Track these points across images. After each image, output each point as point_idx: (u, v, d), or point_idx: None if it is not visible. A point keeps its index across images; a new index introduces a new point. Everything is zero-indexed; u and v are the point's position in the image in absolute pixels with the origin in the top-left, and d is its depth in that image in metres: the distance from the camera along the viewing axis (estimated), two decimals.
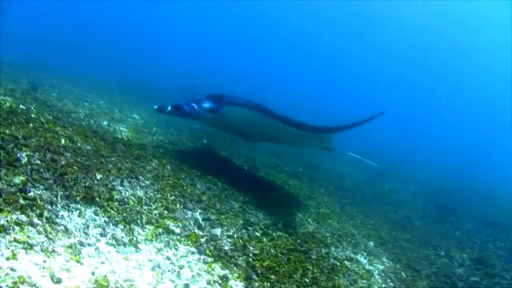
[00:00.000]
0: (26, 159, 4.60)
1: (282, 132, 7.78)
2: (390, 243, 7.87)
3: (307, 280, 4.78)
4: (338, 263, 5.84)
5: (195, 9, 61.51)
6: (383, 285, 5.75)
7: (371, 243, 7.56)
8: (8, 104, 6.90)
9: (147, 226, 4.58)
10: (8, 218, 3.45)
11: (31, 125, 5.86)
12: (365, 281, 5.59)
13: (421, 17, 57.58)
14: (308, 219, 7.63)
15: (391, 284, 5.91)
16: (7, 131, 5.15)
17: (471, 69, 60.67)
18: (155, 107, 8.14)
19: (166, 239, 4.49)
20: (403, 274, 6.45)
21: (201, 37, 63.00)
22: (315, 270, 5.16)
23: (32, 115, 6.57)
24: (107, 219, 4.28)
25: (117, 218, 4.38)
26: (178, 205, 5.49)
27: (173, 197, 5.71)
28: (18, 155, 4.60)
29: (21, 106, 7.11)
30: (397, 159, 22.05)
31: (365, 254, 6.80)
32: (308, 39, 65.94)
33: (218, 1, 59.03)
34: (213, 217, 5.61)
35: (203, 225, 5.24)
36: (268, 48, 66.55)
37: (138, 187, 5.48)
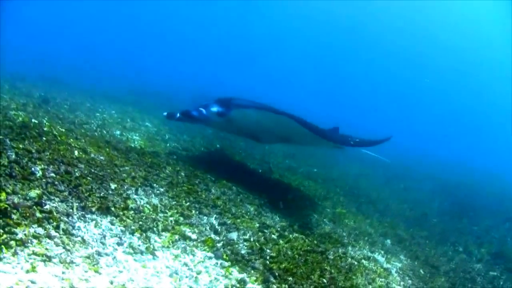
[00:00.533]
0: (40, 172, 4.64)
1: (292, 132, 7.78)
2: (408, 241, 7.83)
3: (325, 280, 4.77)
4: (356, 263, 5.82)
5: (204, 13, 61.53)
6: (402, 283, 5.72)
7: (388, 241, 7.53)
8: (21, 118, 6.98)
9: (163, 233, 4.61)
10: (26, 232, 3.49)
11: (44, 138, 5.91)
12: (383, 280, 5.57)
13: (421, 17, 57.17)
14: (324, 220, 7.61)
15: (409, 281, 5.88)
16: (21, 146, 5.20)
17: (473, 69, 60.18)
18: (165, 114, 8.19)
19: (183, 245, 4.51)
20: (421, 271, 6.42)
21: (210, 42, 63.12)
22: (332, 271, 5.14)
23: (45, 129, 6.64)
24: (123, 228, 4.31)
25: (133, 227, 4.41)
26: (193, 211, 5.52)
27: (188, 203, 5.74)
28: (33, 169, 4.65)
29: (33, 120, 7.19)
30: (411, 157, 21.91)
31: (382, 252, 6.77)
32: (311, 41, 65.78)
33: (227, 3, 59.02)
34: (229, 222, 5.62)
35: (219, 230, 5.25)
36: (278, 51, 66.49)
37: (153, 195, 5.52)
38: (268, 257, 4.92)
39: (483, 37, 55.46)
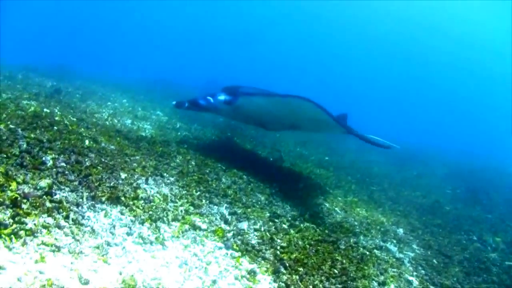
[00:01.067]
0: (51, 162, 4.65)
1: (304, 116, 7.76)
2: (420, 229, 7.75)
3: (336, 271, 4.74)
4: (368, 252, 5.76)
5: (213, 6, 61.27)
6: (414, 273, 5.66)
7: (401, 230, 7.46)
8: (32, 108, 6.99)
9: (173, 223, 4.59)
10: (36, 222, 3.49)
11: (55, 128, 5.92)
12: (395, 270, 5.51)
13: (421, 17, 56.27)
14: (336, 209, 7.56)
15: (423, 271, 5.81)
16: (32, 135, 5.22)
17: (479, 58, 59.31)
18: (173, 103, 8.23)
19: (193, 235, 4.48)
20: (434, 261, 6.34)
21: (218, 33, 62.92)
22: (344, 261, 5.10)
23: (56, 118, 6.65)
24: (133, 218, 4.30)
25: (143, 217, 4.40)
26: (203, 201, 5.49)
27: (198, 192, 5.72)
28: (44, 158, 4.66)
29: (45, 109, 7.20)
30: (423, 144, 21.71)
31: (394, 242, 6.70)
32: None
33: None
34: (239, 211, 5.59)
35: (229, 219, 5.23)
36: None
37: (163, 185, 5.51)
38: (278, 247, 4.89)
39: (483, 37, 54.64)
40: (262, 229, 5.31)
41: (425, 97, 58.59)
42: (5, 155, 4.42)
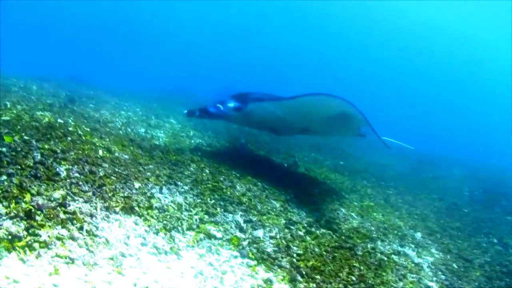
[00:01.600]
0: (65, 172, 4.65)
1: (309, 121, 7.82)
2: (439, 233, 7.62)
3: (353, 278, 4.66)
4: (385, 258, 5.68)
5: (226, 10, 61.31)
6: (434, 279, 5.55)
7: (419, 234, 7.34)
8: (46, 119, 7.02)
9: (188, 232, 4.56)
10: (50, 234, 3.47)
11: (69, 138, 5.93)
12: (414, 276, 5.41)
13: (421, 16, 55.70)
14: (352, 214, 7.47)
15: (442, 276, 5.70)
16: (46, 146, 5.22)
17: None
18: (185, 111, 8.28)
19: (208, 244, 4.44)
20: (454, 265, 6.22)
21: (229, 37, 62.81)
22: (361, 267, 5.02)
23: (70, 128, 6.67)
24: (147, 228, 4.28)
25: (157, 226, 4.37)
26: (218, 209, 5.46)
27: (213, 201, 5.68)
28: (57, 169, 4.66)
29: (59, 120, 7.23)
30: (438, 145, 21.49)
31: (413, 246, 6.59)
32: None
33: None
34: (254, 219, 5.54)
35: (244, 227, 5.18)
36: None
37: (177, 193, 5.48)
38: (295, 255, 4.83)
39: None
40: (278, 236, 5.25)
41: (435, 97, 57.89)
42: (19, 167, 4.42)
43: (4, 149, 4.76)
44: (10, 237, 3.26)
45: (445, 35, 56.44)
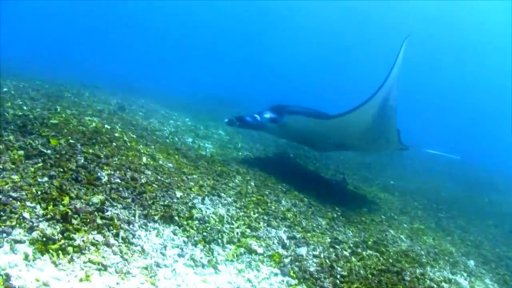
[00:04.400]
0: (106, 178, 4.57)
1: (344, 136, 7.82)
2: (494, 262, 7.13)
3: None
4: (435, 285, 5.27)
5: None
6: None
7: (472, 262, 6.87)
8: (94, 124, 7.05)
9: (228, 245, 4.35)
10: (85, 238, 3.36)
11: (114, 144, 5.90)
12: None
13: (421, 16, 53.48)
14: (401, 236, 7.08)
15: None
16: (90, 151, 5.19)
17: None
18: (226, 120, 8.27)
19: (248, 259, 4.22)
20: None
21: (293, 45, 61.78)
22: None
23: (116, 134, 6.66)
24: (186, 239, 4.10)
25: (196, 238, 4.19)
26: (261, 223, 5.24)
27: (256, 214, 5.47)
28: (99, 174, 4.59)
29: (106, 125, 7.25)
30: (494, 167, 20.49)
31: (465, 274, 6.14)
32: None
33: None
34: (298, 236, 5.28)
35: (287, 244, 4.93)
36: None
37: (220, 205, 5.30)
38: (338, 276, 4.53)
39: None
40: (322, 255, 4.96)
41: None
42: (61, 169, 4.38)
43: (49, 151, 4.76)
44: (44, 239, 3.19)
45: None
